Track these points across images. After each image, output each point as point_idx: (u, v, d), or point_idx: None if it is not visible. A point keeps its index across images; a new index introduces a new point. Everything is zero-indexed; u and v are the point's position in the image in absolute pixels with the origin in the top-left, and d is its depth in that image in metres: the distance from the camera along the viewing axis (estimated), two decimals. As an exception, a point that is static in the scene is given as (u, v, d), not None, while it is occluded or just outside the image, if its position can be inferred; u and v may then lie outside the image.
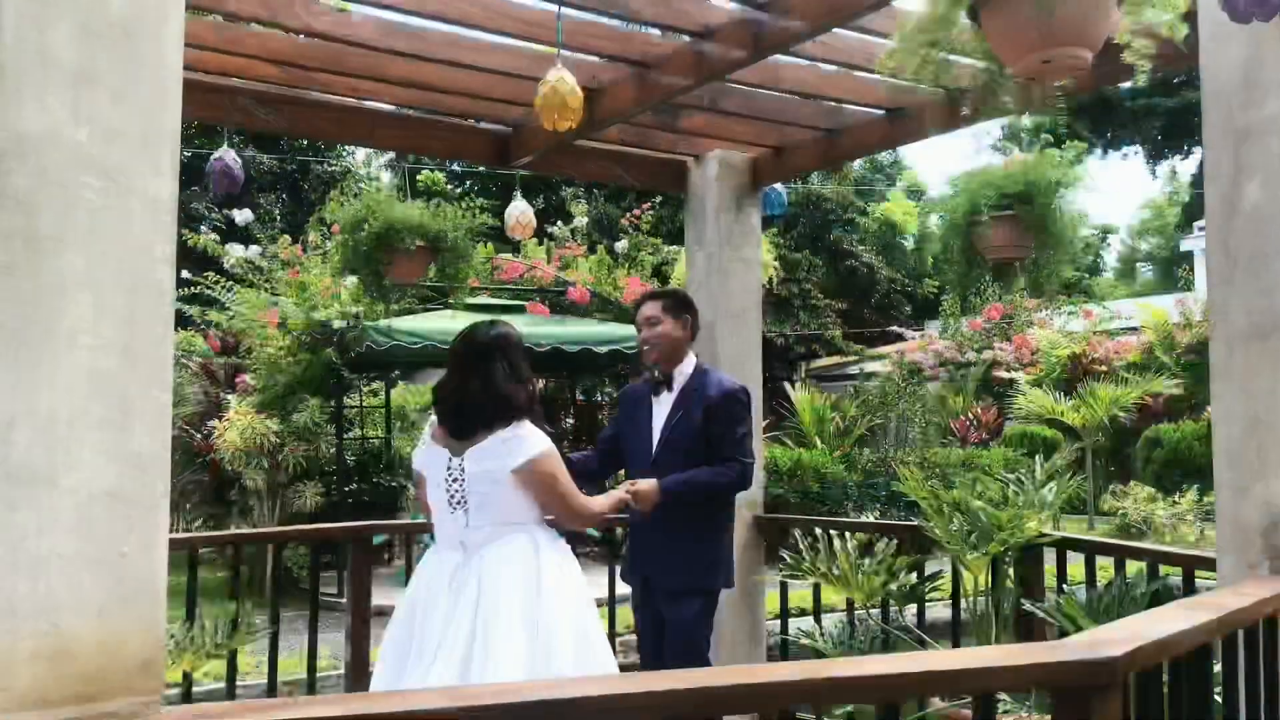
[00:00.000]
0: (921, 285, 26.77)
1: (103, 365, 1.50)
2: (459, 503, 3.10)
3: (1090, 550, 4.13)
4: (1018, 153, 4.32)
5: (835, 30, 3.66)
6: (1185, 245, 27.38)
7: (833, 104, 4.67)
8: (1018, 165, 4.00)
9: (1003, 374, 18.10)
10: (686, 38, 3.80)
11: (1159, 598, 3.58)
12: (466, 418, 3.12)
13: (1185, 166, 40.14)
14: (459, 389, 3.16)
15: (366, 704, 1.60)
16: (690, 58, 3.82)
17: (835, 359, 23.37)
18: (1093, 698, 1.84)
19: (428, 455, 3.23)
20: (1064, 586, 4.15)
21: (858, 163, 29.07)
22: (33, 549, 1.43)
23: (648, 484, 3.71)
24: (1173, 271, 31.69)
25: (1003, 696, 3.32)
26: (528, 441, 3.06)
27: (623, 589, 8.32)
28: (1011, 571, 4.21)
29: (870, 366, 20.46)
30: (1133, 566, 3.90)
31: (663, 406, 3.93)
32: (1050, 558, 4.27)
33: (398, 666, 3.08)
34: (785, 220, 23.10)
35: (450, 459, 3.13)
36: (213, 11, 3.61)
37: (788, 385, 16.14)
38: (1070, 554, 4.27)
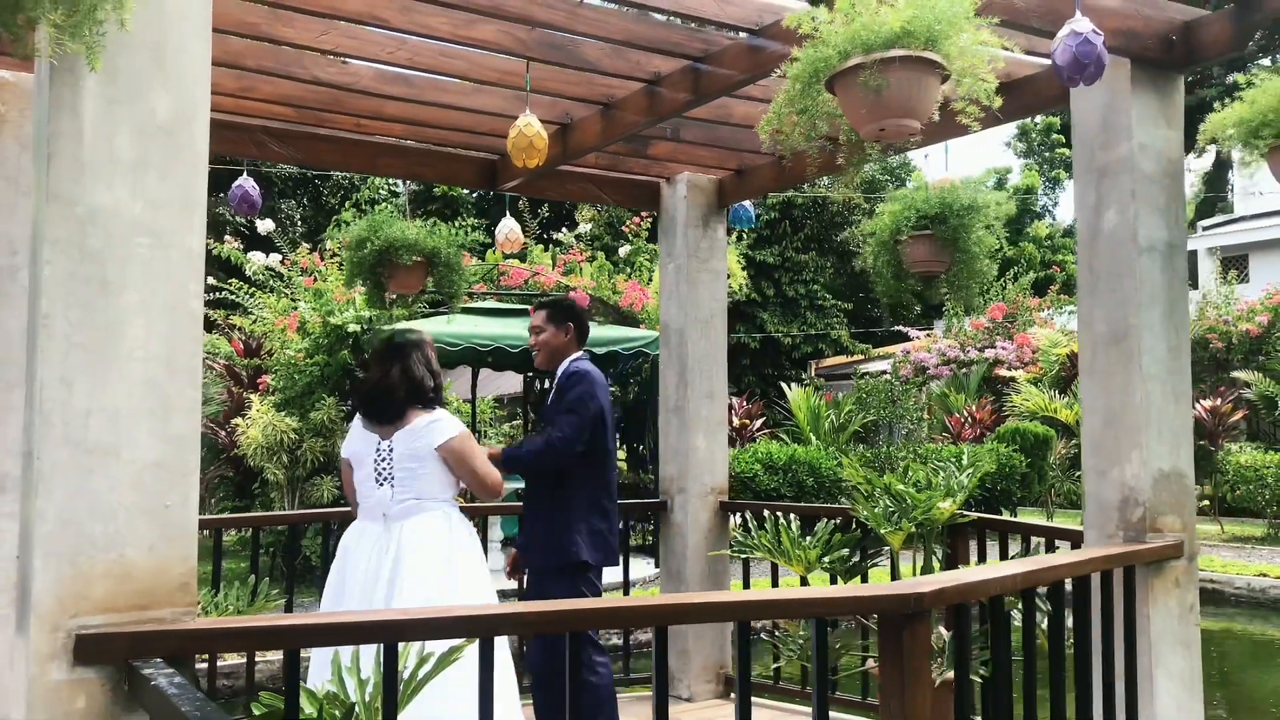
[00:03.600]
0: (926, 298, 27.13)
1: (151, 373, 2.09)
2: (386, 479, 3.71)
3: (1003, 529, 4.69)
4: (946, 175, 4.84)
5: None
6: (1189, 245, 27.63)
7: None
8: (936, 189, 4.54)
9: (1004, 372, 18.58)
10: (640, 83, 4.37)
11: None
12: (388, 403, 3.77)
13: (1198, 165, 40.32)
14: (382, 379, 3.81)
15: (343, 618, 2.19)
16: (645, 100, 4.40)
17: (843, 358, 23.90)
18: (904, 624, 2.41)
19: (359, 442, 3.83)
20: (984, 562, 4.69)
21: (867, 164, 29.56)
22: (105, 502, 2.03)
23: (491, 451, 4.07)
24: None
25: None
26: (447, 424, 3.75)
27: (612, 578, 8.92)
28: (938, 550, 4.76)
29: (877, 366, 20.98)
30: (1036, 541, 4.45)
31: None
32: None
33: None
34: (792, 222, 23.63)
35: (380, 442, 3.75)
36: (232, 66, 4.20)
37: (786, 385, 16.70)
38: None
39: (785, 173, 5.49)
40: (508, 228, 5.74)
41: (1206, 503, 14.04)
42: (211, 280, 12.21)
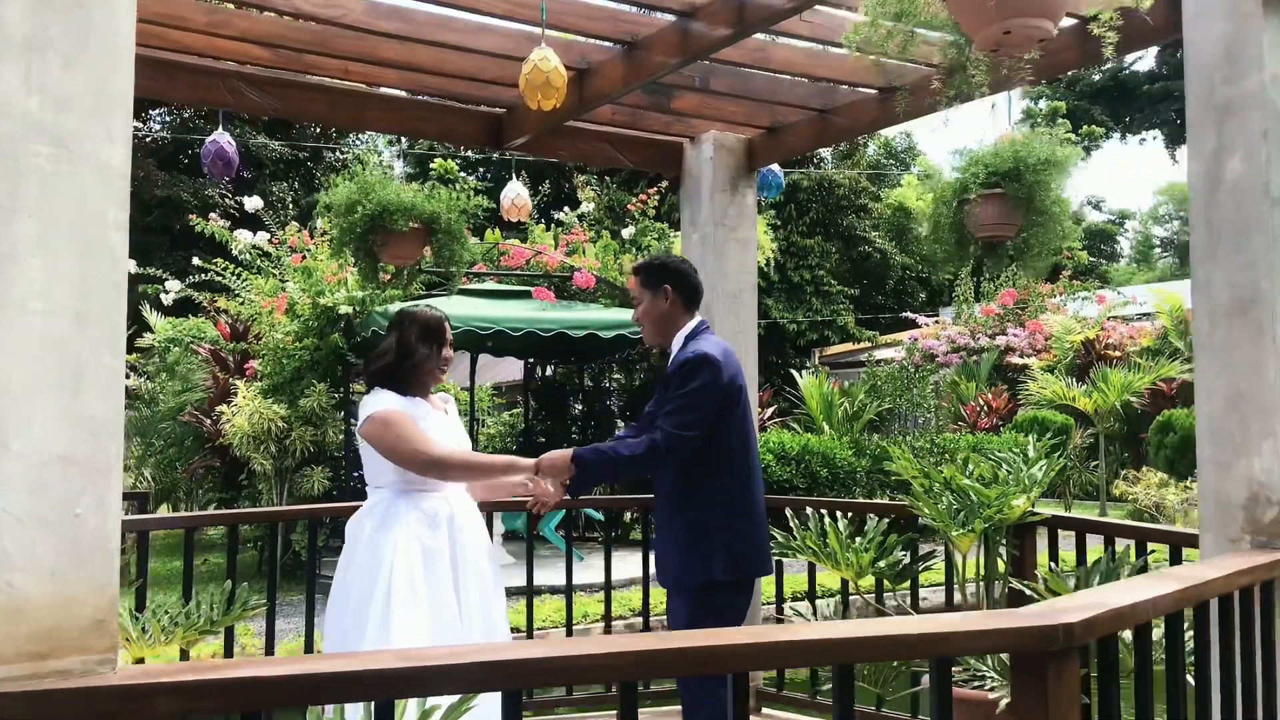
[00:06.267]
0: (935, 271, 26.67)
1: (54, 330, 1.52)
2: None
3: (1080, 529, 4.13)
4: (1008, 130, 4.28)
5: (821, 8, 3.65)
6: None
7: (824, 84, 4.66)
8: (1007, 143, 3.98)
9: (1015, 360, 18.04)
10: (672, 16, 3.80)
11: (1145, 572, 3.58)
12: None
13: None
14: None
15: (326, 666, 1.62)
16: (676, 36, 3.83)
17: (848, 346, 23.33)
18: (1049, 662, 1.86)
19: None
20: (1054, 565, 4.14)
21: (871, 147, 28.98)
22: (-16, 509, 1.46)
23: (557, 454, 3.37)
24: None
25: (970, 662, 3.34)
26: (368, 404, 3.44)
27: (621, 575, 8.39)
28: (1003, 551, 4.21)
29: (884, 353, 20.41)
30: (1122, 545, 3.90)
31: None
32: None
33: None
34: (798, 206, 23.04)
35: None
36: (200, -7, 3.63)
37: (795, 372, 16.13)
38: (1064, 533, 4.29)
39: (825, 129, 4.91)
40: (514, 192, 5.19)
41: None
42: (196, 260, 11.62)
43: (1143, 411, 15.78)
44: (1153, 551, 3.72)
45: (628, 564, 8.55)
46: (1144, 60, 37.70)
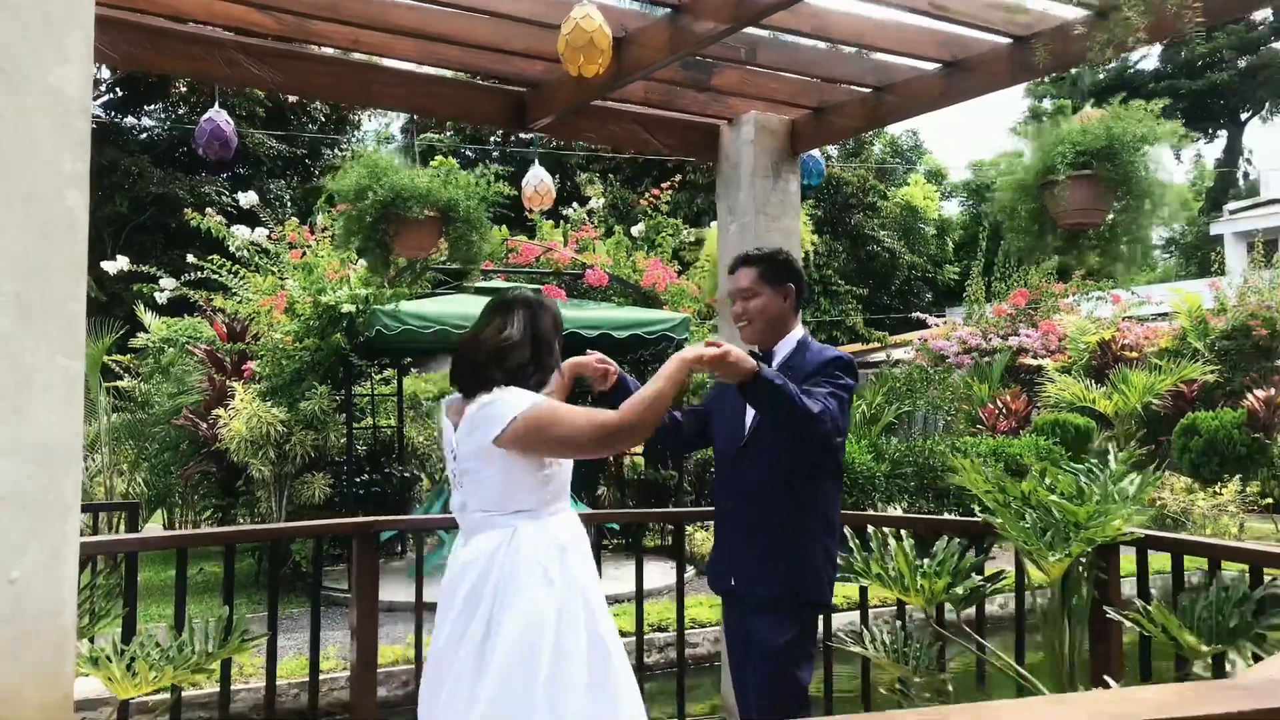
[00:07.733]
0: (942, 271, 26.29)
1: (-16, 320, 1.09)
2: (460, 483, 2.78)
3: (1177, 549, 3.70)
4: (1090, 108, 3.86)
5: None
6: (1215, 229, 26.82)
7: (881, 58, 4.25)
8: (1096, 119, 3.57)
9: (1029, 361, 17.64)
10: (727, -26, 3.39)
11: (1265, 606, 3.18)
12: (468, 371, 2.79)
13: (1209, 150, 39.55)
14: (472, 338, 2.85)
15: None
16: (732, -5, 3.41)
17: (856, 346, 22.94)
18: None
19: (444, 433, 2.92)
20: (1150, 591, 3.73)
21: (877, 146, 28.61)
22: (-118, 574, 1.03)
23: (743, 354, 2.82)
24: (1197, 256, 31.14)
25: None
26: (505, 405, 2.63)
27: (651, 583, 7.95)
28: (1084, 571, 3.80)
29: (893, 354, 20.00)
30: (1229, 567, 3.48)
31: None
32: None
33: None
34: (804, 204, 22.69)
35: (453, 433, 2.80)
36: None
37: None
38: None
39: (877, 109, 4.50)
40: (537, 179, 4.77)
41: (1269, 500, 13.08)
42: (192, 258, 11.19)
43: (1163, 414, 15.43)
44: (1273, 579, 3.30)
45: (644, 573, 8.11)
46: (1148, 59, 37.37)
